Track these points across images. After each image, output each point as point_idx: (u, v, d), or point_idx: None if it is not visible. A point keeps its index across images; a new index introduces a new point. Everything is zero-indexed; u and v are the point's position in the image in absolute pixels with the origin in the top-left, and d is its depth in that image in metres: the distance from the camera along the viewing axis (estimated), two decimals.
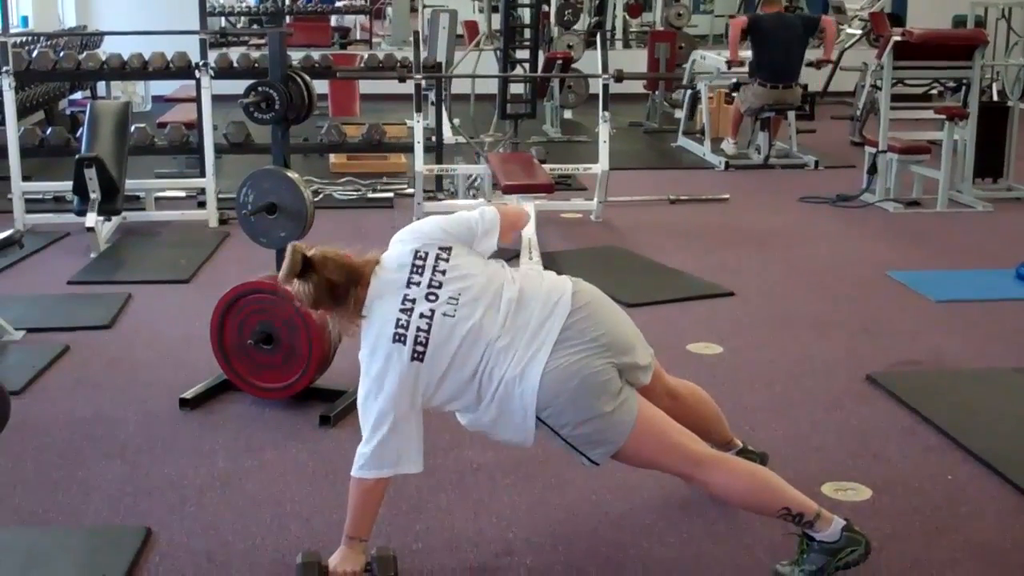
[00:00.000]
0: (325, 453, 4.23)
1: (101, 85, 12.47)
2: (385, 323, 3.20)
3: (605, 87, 8.33)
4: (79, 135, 8.13)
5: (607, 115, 8.27)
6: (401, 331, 3.17)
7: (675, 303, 6.15)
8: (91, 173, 7.24)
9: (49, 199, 8.50)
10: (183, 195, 8.81)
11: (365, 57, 10.10)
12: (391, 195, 9.01)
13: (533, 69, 11.06)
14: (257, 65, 8.70)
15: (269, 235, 4.64)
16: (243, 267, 5.84)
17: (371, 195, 9.03)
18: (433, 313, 3.20)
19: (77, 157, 7.39)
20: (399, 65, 9.21)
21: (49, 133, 8.65)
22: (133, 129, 8.28)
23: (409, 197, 8.42)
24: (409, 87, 8.56)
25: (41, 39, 10.48)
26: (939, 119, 9.01)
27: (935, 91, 12.32)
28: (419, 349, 3.17)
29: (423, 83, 8.59)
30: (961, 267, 7.02)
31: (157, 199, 8.50)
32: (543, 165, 8.34)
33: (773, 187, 9.65)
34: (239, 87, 4.97)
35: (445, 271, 3.28)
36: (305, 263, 3.21)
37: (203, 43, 8.29)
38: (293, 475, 4.06)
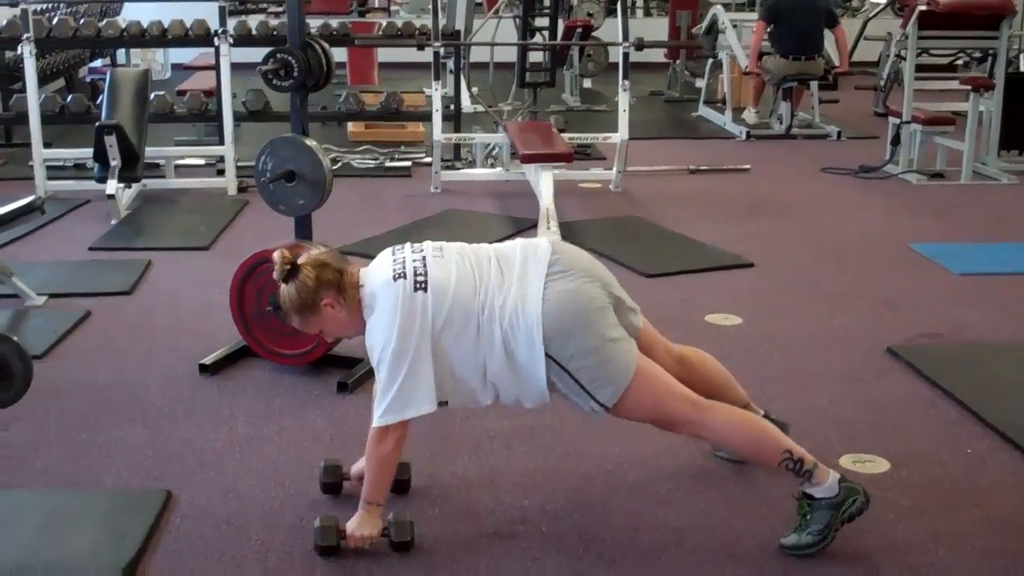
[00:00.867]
0: (343, 419, 4.25)
1: (121, 53, 12.48)
2: (382, 275, 3.31)
3: (625, 55, 8.29)
4: (99, 102, 8.14)
5: (627, 84, 8.25)
6: (399, 269, 3.29)
7: (694, 274, 6.13)
8: (111, 140, 7.26)
9: (70, 166, 8.54)
10: (202, 163, 8.83)
11: (383, 25, 10.05)
12: (409, 164, 9.00)
13: (552, 37, 11.00)
14: (276, 33, 8.68)
15: (288, 203, 4.65)
16: (262, 234, 5.88)
17: (389, 164, 9.03)
18: (424, 257, 3.34)
19: (97, 124, 7.41)
20: (418, 33, 9.17)
21: (69, 100, 8.66)
22: (153, 96, 8.28)
23: (427, 166, 8.40)
24: (428, 55, 8.55)
25: (61, 6, 10.46)
26: (964, 90, 8.96)
27: (960, 61, 12.21)
28: (419, 279, 3.27)
29: (442, 51, 8.56)
30: (984, 240, 6.99)
31: (177, 167, 8.51)
32: (562, 134, 8.32)
33: (795, 157, 9.62)
34: (258, 55, 4.96)
35: (423, 247, 3.42)
36: (293, 268, 3.34)
37: (222, 10, 8.27)
38: (311, 440, 4.08)
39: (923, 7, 8.66)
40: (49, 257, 6.44)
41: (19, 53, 8.11)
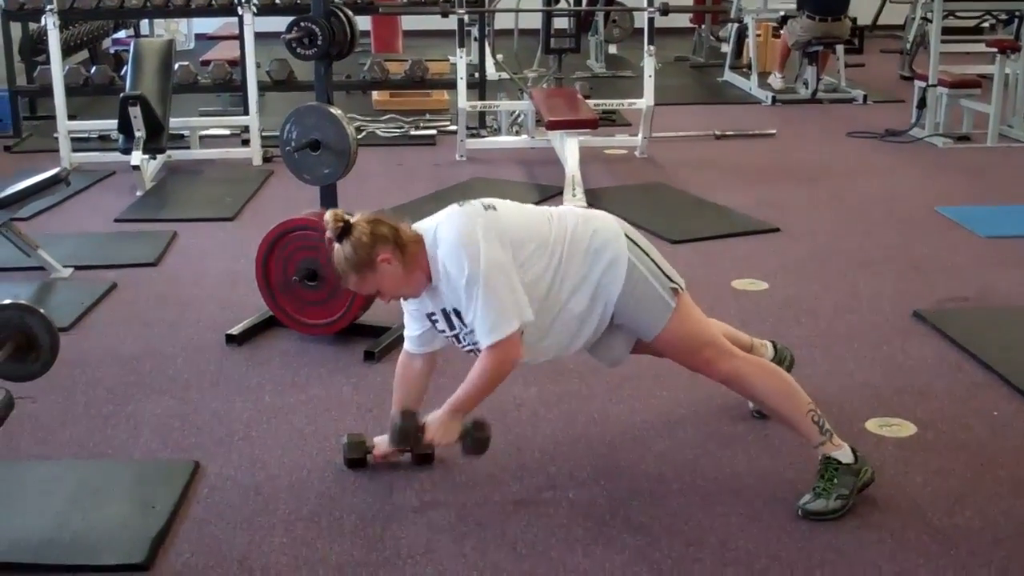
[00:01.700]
0: (370, 388, 4.26)
1: (144, 23, 12.48)
2: (444, 212, 3.43)
3: (650, 21, 8.24)
4: (123, 74, 8.16)
5: (652, 49, 8.20)
6: (467, 203, 3.42)
7: (720, 239, 6.12)
8: (135, 111, 7.27)
9: (95, 138, 8.56)
10: (227, 133, 8.84)
11: None
12: (434, 132, 8.98)
13: (577, 3, 10.94)
14: (299, 1, 8.66)
15: (313, 171, 4.65)
16: (287, 204, 5.88)
17: (414, 132, 9.01)
18: (482, 200, 3.44)
19: (121, 96, 7.43)
20: (442, 0, 9.15)
21: (94, 72, 8.68)
22: (177, 67, 8.30)
23: (452, 134, 8.38)
24: (452, 22, 8.52)
25: None
26: (990, 52, 8.86)
27: (987, 24, 12.10)
28: (487, 204, 3.39)
29: (466, 18, 8.53)
30: (1011, 203, 6.93)
31: (201, 137, 8.52)
32: (587, 100, 8.28)
33: (821, 122, 9.56)
34: (282, 24, 4.96)
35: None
36: (346, 226, 3.33)
37: None
38: (338, 410, 4.09)
39: None
40: (75, 229, 6.47)
41: (43, 25, 8.11)
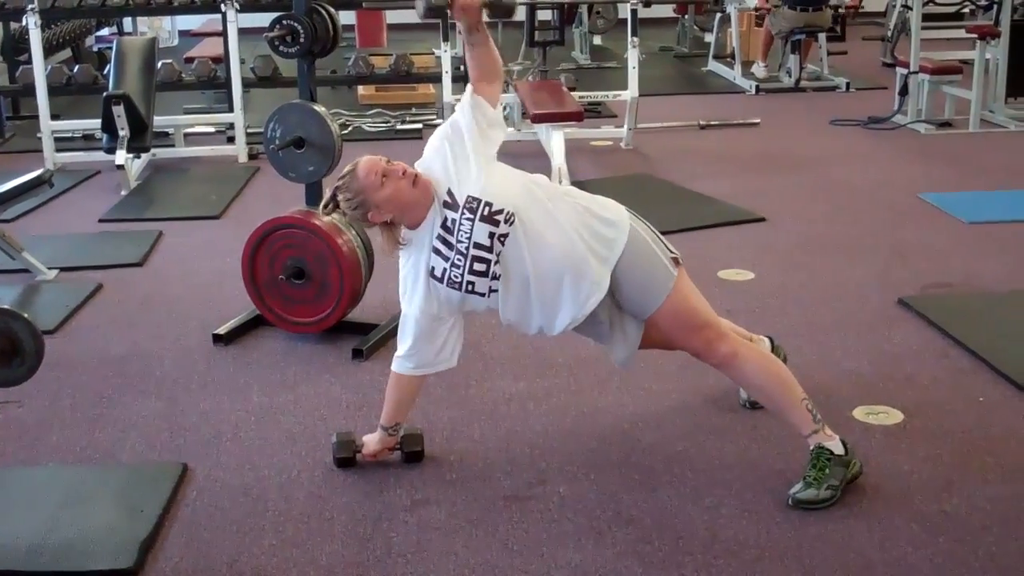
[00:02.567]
0: (359, 386, 4.25)
1: (127, 21, 12.43)
2: None
3: (634, 12, 8.25)
4: (106, 72, 8.14)
5: (636, 41, 8.20)
6: None
7: (706, 229, 6.12)
8: (119, 110, 7.25)
9: (78, 137, 8.56)
10: (212, 130, 8.82)
11: None
12: (420, 126, 8.99)
13: None
14: None
15: (298, 169, 4.65)
16: (273, 202, 5.87)
17: (400, 127, 9.03)
18: None
19: (105, 95, 7.40)
20: None
21: (77, 71, 8.64)
22: (160, 65, 8.27)
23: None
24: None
25: None
26: (971, 38, 8.88)
27: (967, 10, 12.12)
28: None
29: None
30: (994, 188, 6.95)
31: (186, 135, 8.51)
32: (572, 93, 8.29)
33: (804, 110, 9.58)
34: (266, 19, 4.96)
35: None
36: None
37: None
38: (327, 408, 4.09)
39: None
40: (59, 230, 6.45)
41: (24, 24, 8.10)
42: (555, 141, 7.23)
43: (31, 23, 7.88)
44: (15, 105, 9.71)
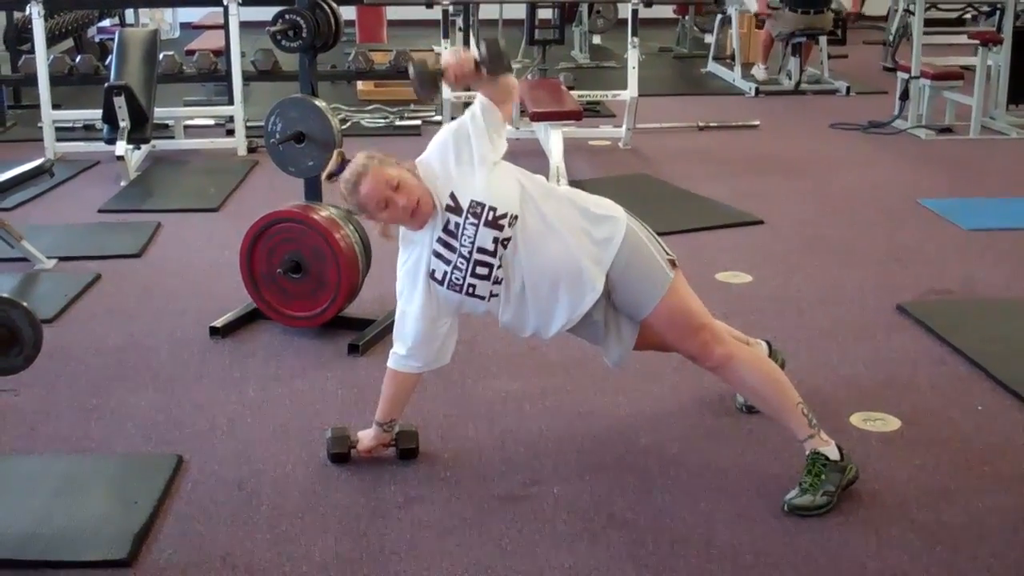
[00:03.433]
0: (354, 381, 4.25)
1: (129, 12, 12.43)
2: None
3: (634, 12, 8.25)
4: (108, 63, 8.13)
5: (636, 41, 8.20)
6: None
7: (704, 231, 6.12)
8: (120, 101, 7.24)
9: (79, 127, 8.55)
10: (212, 123, 8.82)
11: None
12: (419, 123, 8.98)
13: None
14: None
15: (298, 164, 4.65)
16: (272, 195, 5.87)
17: (399, 122, 9.02)
18: None
19: (106, 85, 7.39)
20: None
21: (78, 61, 8.63)
22: (161, 57, 8.26)
23: (437, 125, 8.35)
24: (437, 12, 8.52)
25: None
26: (973, 44, 8.89)
27: (969, 15, 12.14)
28: None
29: (451, 8, 8.52)
30: (993, 195, 6.96)
31: (186, 127, 8.50)
32: (571, 92, 8.29)
33: (804, 113, 9.58)
34: (267, 13, 4.94)
35: None
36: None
37: None
38: (322, 403, 4.08)
39: None
40: (58, 220, 6.44)
41: (27, 14, 8.08)
42: (553, 140, 7.22)
43: (34, 13, 7.86)
44: (16, 94, 9.71)
